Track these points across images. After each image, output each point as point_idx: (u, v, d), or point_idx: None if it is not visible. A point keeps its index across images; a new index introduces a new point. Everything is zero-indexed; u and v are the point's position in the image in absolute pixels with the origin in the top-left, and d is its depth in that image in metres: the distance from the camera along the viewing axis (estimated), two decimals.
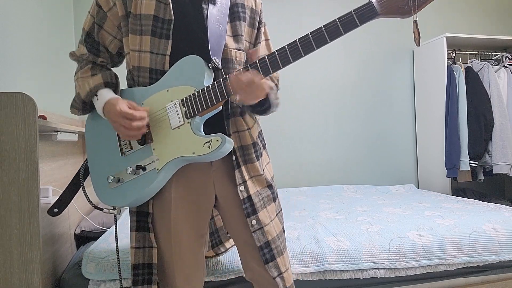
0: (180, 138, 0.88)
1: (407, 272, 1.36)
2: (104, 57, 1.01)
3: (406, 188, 2.64)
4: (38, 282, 1.00)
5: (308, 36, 0.80)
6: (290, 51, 0.82)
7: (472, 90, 2.62)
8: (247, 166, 0.99)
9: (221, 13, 0.95)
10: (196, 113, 0.87)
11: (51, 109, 1.96)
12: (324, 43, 0.80)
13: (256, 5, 1.05)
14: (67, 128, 1.40)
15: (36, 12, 1.81)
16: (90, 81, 0.94)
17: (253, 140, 1.02)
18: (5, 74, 1.44)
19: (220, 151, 0.85)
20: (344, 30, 0.78)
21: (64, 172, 1.50)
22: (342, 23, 0.78)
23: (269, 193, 1.03)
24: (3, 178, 0.99)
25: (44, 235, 1.18)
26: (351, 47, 2.91)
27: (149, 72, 0.93)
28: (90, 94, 0.93)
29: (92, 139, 1.00)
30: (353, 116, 2.91)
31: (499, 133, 2.54)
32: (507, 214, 1.67)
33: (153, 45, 0.91)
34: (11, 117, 1.00)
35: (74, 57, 1.02)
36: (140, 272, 0.97)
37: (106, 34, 0.97)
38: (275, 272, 0.97)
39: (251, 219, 0.96)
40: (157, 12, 0.91)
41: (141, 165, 0.91)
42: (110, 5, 0.94)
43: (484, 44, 2.83)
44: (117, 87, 0.99)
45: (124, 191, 0.93)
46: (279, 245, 1.00)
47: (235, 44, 0.97)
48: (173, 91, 0.90)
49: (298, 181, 2.81)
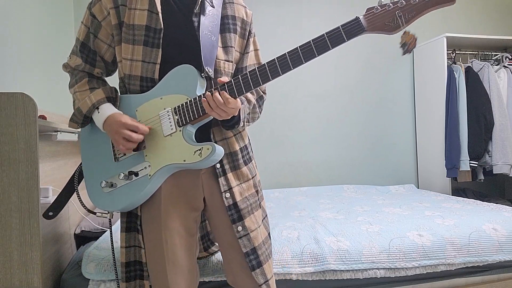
0: (171, 146, 0.90)
1: (407, 272, 1.36)
2: (100, 67, 1.02)
3: (406, 188, 2.64)
4: (38, 282, 1.00)
5: (296, 50, 0.82)
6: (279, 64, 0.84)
7: (472, 90, 2.61)
8: (236, 172, 1.01)
9: (213, 23, 0.97)
10: (188, 121, 0.89)
11: (51, 109, 1.96)
12: (312, 57, 0.82)
13: (247, 16, 1.07)
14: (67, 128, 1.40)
15: (36, 13, 1.81)
16: (92, 97, 0.95)
17: (240, 145, 1.04)
18: (5, 74, 1.44)
19: (211, 159, 0.87)
20: (331, 45, 0.80)
21: (64, 172, 1.50)
22: (330, 38, 0.80)
23: (256, 198, 1.05)
24: (3, 179, 0.99)
25: (44, 235, 1.18)
26: (351, 47, 2.91)
27: (140, 80, 0.95)
28: (92, 109, 0.95)
29: (86, 145, 1.03)
30: (353, 116, 2.91)
31: (499, 133, 2.54)
32: (507, 214, 1.67)
33: (145, 54, 0.93)
34: (11, 117, 1.00)
35: (68, 68, 1.02)
36: (132, 268, 1.00)
37: (101, 43, 0.99)
38: (261, 279, 0.97)
39: (236, 226, 0.97)
40: (149, 22, 0.92)
41: (134, 171, 0.93)
42: (104, 15, 0.96)
43: (484, 44, 2.83)
44: (117, 101, 1.00)
45: (117, 196, 0.95)
46: (265, 251, 1.00)
47: (224, 55, 0.99)
48: (166, 99, 0.92)
49: (298, 181, 2.81)
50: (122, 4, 0.94)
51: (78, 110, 0.97)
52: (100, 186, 0.97)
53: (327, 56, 2.86)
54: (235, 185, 0.99)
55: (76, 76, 1.01)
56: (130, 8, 0.93)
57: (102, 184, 0.94)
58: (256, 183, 1.07)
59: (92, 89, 0.97)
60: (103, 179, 0.97)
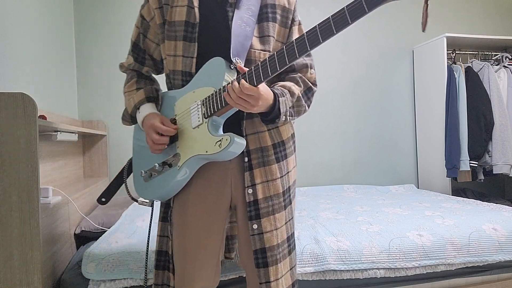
0: (198, 137, 0.92)
1: (407, 272, 1.36)
2: (148, 65, 1.09)
3: (406, 188, 2.64)
4: (38, 282, 1.00)
5: (315, 28, 0.75)
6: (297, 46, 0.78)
7: (472, 90, 2.62)
8: (264, 168, 0.99)
9: (249, 13, 0.97)
10: (213, 112, 0.89)
11: (51, 109, 1.96)
12: (330, 35, 0.73)
13: (289, 4, 1.04)
14: (67, 128, 1.40)
15: (36, 12, 1.81)
16: (135, 97, 1.04)
17: (274, 141, 1.01)
18: (5, 74, 1.44)
19: (229, 151, 0.86)
20: (351, 19, 0.70)
21: (64, 172, 1.50)
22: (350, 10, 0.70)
23: (281, 200, 1.01)
24: (4, 179, 0.99)
25: (44, 235, 1.18)
26: (351, 47, 2.91)
27: (181, 75, 0.99)
28: (134, 110, 1.04)
29: (136, 139, 1.12)
30: (353, 116, 2.91)
31: (499, 133, 2.54)
32: (507, 214, 1.67)
33: (185, 49, 0.97)
34: (11, 117, 1.00)
35: (123, 68, 1.11)
36: (162, 258, 1.05)
37: (150, 42, 1.06)
38: (262, 278, 0.97)
39: (252, 223, 0.97)
40: (187, 17, 0.96)
41: (167, 162, 0.98)
42: (152, 15, 1.02)
43: (484, 44, 2.83)
44: (158, 100, 1.07)
45: (153, 186, 1.01)
46: (276, 254, 0.98)
47: (260, 45, 0.98)
48: (198, 92, 0.94)
49: (298, 181, 2.81)
50: (166, 4, 0.99)
51: (126, 110, 1.07)
52: (141, 175, 1.05)
53: (327, 56, 2.86)
54: (259, 182, 0.97)
55: (128, 75, 1.10)
56: (172, 6, 0.98)
57: (142, 173, 1.02)
58: (284, 183, 1.03)
59: (138, 89, 1.05)
60: (144, 169, 1.05)
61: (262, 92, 0.84)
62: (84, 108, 2.51)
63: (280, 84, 0.97)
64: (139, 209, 1.84)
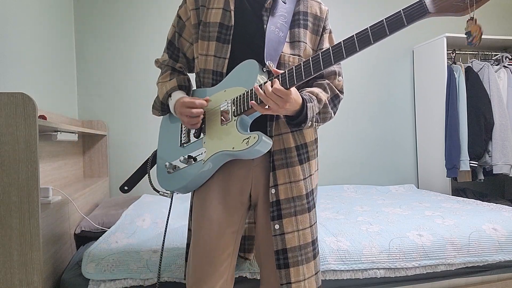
0: (225, 134, 0.95)
1: (407, 272, 1.36)
2: (182, 63, 1.13)
3: (406, 188, 2.64)
4: (38, 282, 1.00)
5: (353, 37, 0.77)
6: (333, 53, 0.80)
7: (472, 90, 2.62)
8: (288, 169, 1.00)
9: (282, 20, 1.01)
10: (242, 111, 0.92)
11: (51, 109, 1.96)
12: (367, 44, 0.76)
13: (321, 12, 1.08)
14: (67, 128, 1.40)
15: (36, 13, 1.81)
16: (167, 85, 1.07)
17: (297, 143, 1.02)
18: (5, 74, 1.44)
19: (256, 149, 0.89)
20: (389, 31, 0.74)
21: (64, 172, 1.50)
22: (389, 23, 0.74)
23: (304, 202, 1.01)
24: (3, 179, 0.99)
25: (44, 235, 1.18)
26: None
27: (212, 74, 1.03)
28: (166, 96, 1.07)
29: (162, 132, 1.16)
30: (353, 116, 2.91)
31: (499, 133, 2.54)
32: (507, 214, 1.67)
33: (217, 50, 1.01)
34: (11, 117, 1.00)
35: (158, 64, 1.16)
36: (187, 250, 1.10)
37: (184, 41, 1.11)
38: (284, 279, 0.97)
39: (274, 223, 0.98)
40: (222, 20, 1.01)
41: (192, 155, 1.02)
42: (188, 15, 1.07)
43: (484, 44, 2.83)
44: (190, 89, 1.11)
45: (175, 178, 1.05)
46: (298, 256, 0.98)
47: (290, 49, 1.01)
48: (229, 92, 0.97)
49: None
50: (202, 5, 1.03)
51: (157, 97, 1.10)
52: (165, 167, 1.08)
53: None
54: (282, 182, 0.99)
55: (162, 69, 1.15)
56: (209, 7, 1.02)
57: (166, 165, 1.05)
58: (308, 185, 1.03)
59: (171, 79, 1.09)
60: (168, 161, 1.09)
61: (292, 96, 0.86)
62: (84, 108, 2.51)
63: (307, 90, 0.99)
64: (139, 209, 1.84)
